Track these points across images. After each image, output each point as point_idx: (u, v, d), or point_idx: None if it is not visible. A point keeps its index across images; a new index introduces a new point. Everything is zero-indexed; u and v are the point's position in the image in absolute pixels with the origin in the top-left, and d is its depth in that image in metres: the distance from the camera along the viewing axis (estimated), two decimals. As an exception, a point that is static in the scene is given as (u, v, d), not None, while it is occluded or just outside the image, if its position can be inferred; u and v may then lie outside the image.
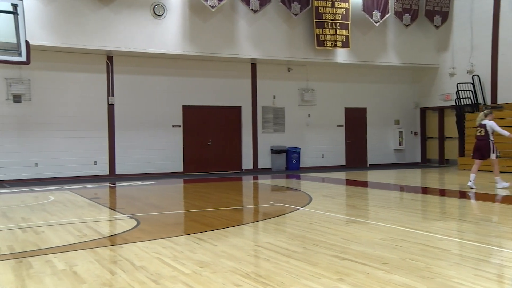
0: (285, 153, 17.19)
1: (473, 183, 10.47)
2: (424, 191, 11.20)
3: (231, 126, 16.88)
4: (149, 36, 14.66)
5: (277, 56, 16.32)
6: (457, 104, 16.87)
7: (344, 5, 16.63)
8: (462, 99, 16.84)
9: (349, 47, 16.79)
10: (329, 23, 16.48)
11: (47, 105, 14.40)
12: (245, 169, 16.96)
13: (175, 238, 5.86)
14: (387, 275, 4.12)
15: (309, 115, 17.85)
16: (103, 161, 15.08)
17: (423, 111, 19.58)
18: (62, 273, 4.37)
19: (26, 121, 14.16)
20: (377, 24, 17.05)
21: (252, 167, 17.01)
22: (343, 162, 18.41)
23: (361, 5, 16.69)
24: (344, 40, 16.67)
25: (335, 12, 16.53)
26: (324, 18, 16.42)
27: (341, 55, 17.13)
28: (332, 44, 16.54)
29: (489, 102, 16.68)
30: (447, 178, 14.10)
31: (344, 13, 16.66)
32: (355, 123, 18.66)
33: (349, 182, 13.02)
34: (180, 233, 6.43)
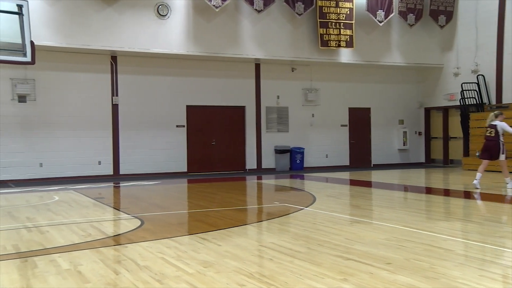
0: (289, 153, 17.18)
1: (478, 182, 10.44)
2: (428, 191, 11.17)
3: (235, 126, 16.89)
4: (153, 36, 14.69)
5: (281, 56, 16.31)
6: (462, 104, 16.82)
7: (348, 5, 16.61)
8: (466, 99, 16.79)
9: (353, 47, 16.77)
10: (333, 23, 16.46)
11: (52, 105, 14.45)
12: (249, 169, 16.96)
13: (179, 238, 5.86)
14: (391, 275, 4.12)
15: (313, 115, 17.84)
16: (107, 161, 15.12)
17: (428, 111, 19.53)
18: (66, 272, 4.38)
19: (31, 121, 14.21)
20: (381, 24, 17.01)
21: (256, 167, 17.02)
22: (347, 162, 18.39)
23: (365, 5, 16.65)
24: (348, 40, 16.65)
25: (339, 12, 16.51)
26: (328, 18, 16.41)
27: (345, 55, 17.11)
28: (336, 44, 16.52)
29: (494, 102, 16.62)
30: (451, 178, 14.06)
31: (348, 13, 16.64)
32: (359, 123, 18.62)
33: (353, 182, 13.01)
34: (184, 233, 6.43)
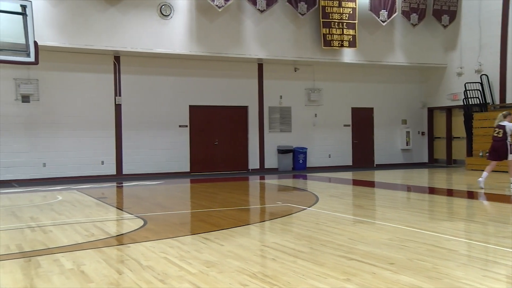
0: (291, 153, 17.17)
1: (483, 181, 10.37)
2: (431, 191, 11.15)
3: (237, 126, 16.89)
4: (156, 36, 14.70)
5: (284, 56, 16.31)
6: (465, 103, 16.78)
7: (351, 4, 16.59)
8: (470, 99, 16.75)
9: (356, 47, 16.75)
10: (336, 23, 16.44)
11: (55, 105, 14.49)
12: (251, 169, 16.96)
13: (182, 238, 5.87)
14: (394, 275, 4.11)
15: (315, 115, 17.83)
16: (110, 161, 15.14)
17: (431, 111, 19.49)
18: (69, 272, 4.40)
19: (34, 121, 14.25)
20: (384, 24, 16.99)
21: (258, 167, 17.01)
22: (349, 162, 18.37)
23: (368, 4, 16.63)
24: (351, 40, 16.63)
25: (342, 11, 16.49)
26: (331, 18, 16.39)
27: (348, 55, 17.09)
28: (339, 44, 16.51)
29: (497, 102, 16.57)
30: (454, 178, 14.03)
31: (351, 12, 16.62)
32: (362, 123, 18.60)
33: (355, 182, 12.99)
34: (187, 233, 6.44)
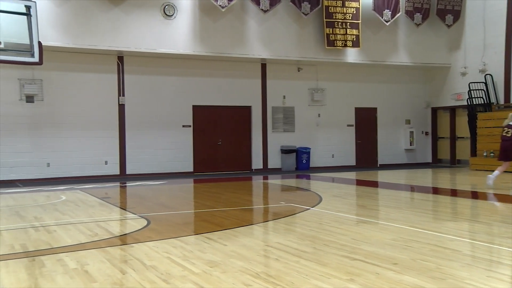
0: (295, 153, 17.16)
1: (494, 178, 10.29)
2: (435, 191, 11.12)
3: (241, 126, 16.89)
4: (159, 36, 14.72)
5: (287, 56, 16.30)
6: (469, 103, 16.73)
7: (354, 4, 16.57)
8: (474, 99, 16.70)
9: (359, 46, 16.73)
10: (339, 23, 16.43)
11: (59, 105, 14.52)
12: (255, 169, 16.96)
13: (185, 238, 5.87)
14: (397, 275, 4.10)
15: (319, 115, 17.81)
16: (113, 161, 15.17)
17: (434, 111, 19.45)
18: (73, 272, 4.41)
19: (38, 121, 14.29)
20: (387, 24, 16.96)
21: (262, 167, 17.01)
22: (353, 162, 18.35)
23: (371, 4, 16.61)
24: (355, 39, 16.61)
25: (345, 11, 16.47)
26: (334, 17, 16.38)
27: (352, 55, 17.07)
28: (342, 43, 16.49)
29: (502, 102, 16.52)
30: (458, 178, 13.99)
31: (355, 12, 16.60)
32: (365, 123, 18.58)
33: (359, 182, 12.98)
34: (190, 232, 6.44)
